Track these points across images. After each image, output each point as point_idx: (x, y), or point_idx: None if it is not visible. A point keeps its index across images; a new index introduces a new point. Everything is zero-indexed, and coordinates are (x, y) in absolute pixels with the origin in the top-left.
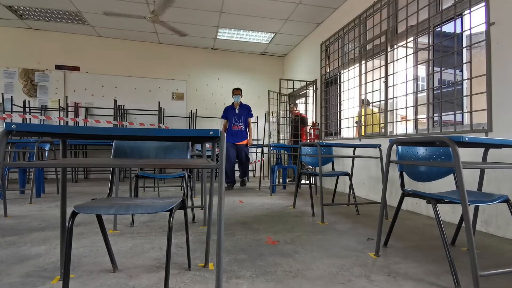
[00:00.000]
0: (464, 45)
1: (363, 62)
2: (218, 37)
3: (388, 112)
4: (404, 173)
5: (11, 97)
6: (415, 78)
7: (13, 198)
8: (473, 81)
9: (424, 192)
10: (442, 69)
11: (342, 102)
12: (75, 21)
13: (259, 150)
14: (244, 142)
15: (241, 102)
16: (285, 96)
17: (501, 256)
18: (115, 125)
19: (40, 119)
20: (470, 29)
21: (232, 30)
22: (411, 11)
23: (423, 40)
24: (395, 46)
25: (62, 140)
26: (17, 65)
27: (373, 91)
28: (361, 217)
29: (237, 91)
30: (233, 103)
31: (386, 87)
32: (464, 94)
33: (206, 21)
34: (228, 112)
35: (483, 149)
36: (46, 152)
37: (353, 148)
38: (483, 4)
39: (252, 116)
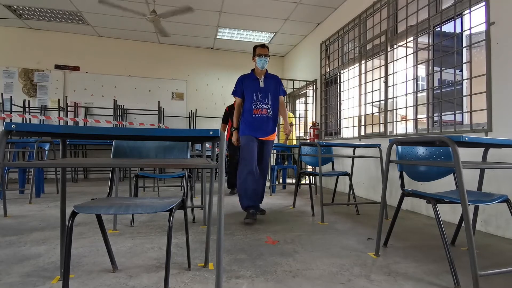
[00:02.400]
0: (464, 45)
1: (363, 62)
2: (218, 37)
3: (388, 112)
4: (404, 173)
5: (11, 97)
6: (415, 78)
7: (12, 198)
8: (473, 81)
9: (424, 192)
10: (442, 69)
11: (342, 102)
12: (75, 21)
13: None
14: (272, 137)
15: (266, 69)
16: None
17: (500, 255)
18: (115, 125)
19: (40, 119)
20: (470, 29)
21: (232, 30)
22: (411, 11)
23: (423, 40)
24: (395, 46)
25: (62, 140)
26: (17, 65)
27: (373, 91)
28: (361, 217)
29: (263, 50)
30: (253, 71)
31: (386, 87)
32: (464, 94)
33: (206, 21)
34: (245, 85)
35: (483, 149)
36: (46, 152)
37: (353, 148)
38: (483, 4)
39: (285, 93)
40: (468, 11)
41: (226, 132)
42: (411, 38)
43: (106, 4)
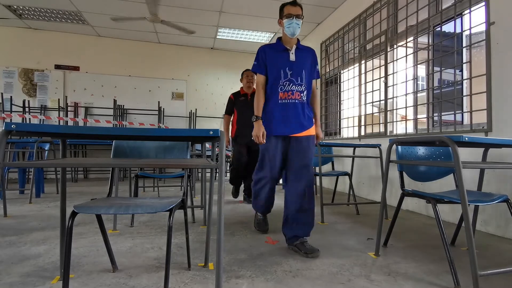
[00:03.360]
0: (464, 45)
1: (363, 61)
2: (218, 37)
3: (388, 112)
4: (404, 173)
5: (11, 97)
6: (415, 78)
7: (12, 198)
8: (473, 81)
9: (424, 192)
10: (442, 69)
11: (342, 102)
12: (75, 21)
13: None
14: (310, 132)
15: (298, 39)
16: None
17: (500, 255)
18: (115, 125)
19: (40, 119)
20: (470, 28)
21: (232, 30)
22: (411, 10)
23: (423, 40)
24: (395, 46)
25: (62, 140)
26: (17, 65)
27: (373, 91)
28: (361, 217)
29: (294, 8)
30: (280, 40)
31: (386, 86)
32: (464, 94)
33: (206, 21)
34: (270, 58)
35: (483, 149)
36: (46, 152)
37: (353, 148)
38: (483, 4)
39: (319, 76)
40: (468, 11)
41: (230, 126)
42: (411, 38)
43: (118, 20)
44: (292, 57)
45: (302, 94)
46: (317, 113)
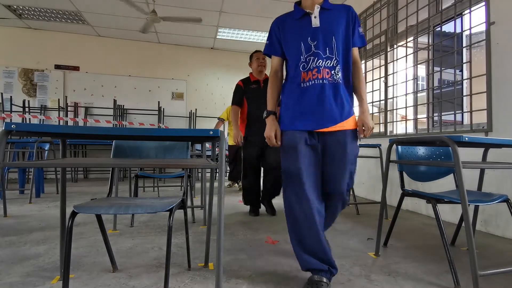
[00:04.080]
0: (464, 44)
1: (363, 61)
2: (218, 37)
3: (388, 112)
4: (404, 172)
5: (11, 96)
6: (415, 78)
7: (12, 198)
8: (473, 81)
9: (424, 192)
10: (442, 68)
11: None
12: (75, 21)
13: None
14: (345, 125)
15: None
16: None
17: (500, 255)
18: (115, 125)
19: (40, 119)
20: (470, 28)
21: (232, 30)
22: (411, 10)
23: (423, 39)
24: (395, 46)
25: (62, 140)
26: (17, 65)
27: (373, 91)
28: (361, 217)
29: None
30: (298, 5)
31: (386, 86)
32: (464, 94)
33: (206, 21)
34: (286, 31)
35: (483, 149)
36: (46, 152)
37: None
38: (483, 3)
39: (364, 43)
40: (468, 11)
41: (239, 118)
42: (411, 38)
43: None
44: (315, 21)
45: (333, 71)
46: (362, 93)
